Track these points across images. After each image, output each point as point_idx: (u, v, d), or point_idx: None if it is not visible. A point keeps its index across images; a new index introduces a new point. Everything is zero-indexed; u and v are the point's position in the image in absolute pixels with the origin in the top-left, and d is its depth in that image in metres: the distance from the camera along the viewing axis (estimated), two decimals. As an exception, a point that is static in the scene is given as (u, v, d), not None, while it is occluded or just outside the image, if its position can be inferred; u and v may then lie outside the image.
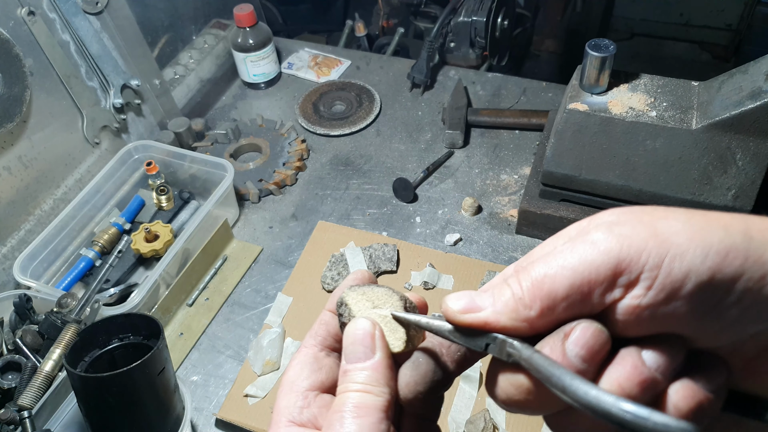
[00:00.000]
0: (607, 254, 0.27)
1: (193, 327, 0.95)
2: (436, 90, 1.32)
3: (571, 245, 0.28)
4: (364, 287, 0.35)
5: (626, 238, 0.27)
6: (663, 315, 0.27)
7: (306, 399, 0.33)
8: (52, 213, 1.01)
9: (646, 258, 0.27)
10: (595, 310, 0.28)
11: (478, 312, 0.30)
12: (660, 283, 0.26)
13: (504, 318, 0.29)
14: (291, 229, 1.09)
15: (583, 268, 0.27)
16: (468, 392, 0.83)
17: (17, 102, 0.91)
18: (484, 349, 0.30)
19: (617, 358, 0.28)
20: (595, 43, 0.82)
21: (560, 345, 0.28)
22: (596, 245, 0.27)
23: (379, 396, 0.31)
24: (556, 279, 0.28)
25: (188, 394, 0.76)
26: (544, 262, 0.29)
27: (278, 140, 1.22)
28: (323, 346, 0.35)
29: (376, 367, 0.31)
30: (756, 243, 0.26)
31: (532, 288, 0.28)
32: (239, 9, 1.26)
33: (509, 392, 0.30)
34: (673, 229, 0.27)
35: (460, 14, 1.31)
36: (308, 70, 1.40)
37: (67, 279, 0.96)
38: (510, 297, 0.29)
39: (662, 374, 0.28)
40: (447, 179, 1.14)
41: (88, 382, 0.66)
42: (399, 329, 0.33)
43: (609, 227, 0.28)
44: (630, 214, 0.29)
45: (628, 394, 0.27)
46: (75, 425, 0.76)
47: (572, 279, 0.28)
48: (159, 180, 1.07)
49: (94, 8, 1.02)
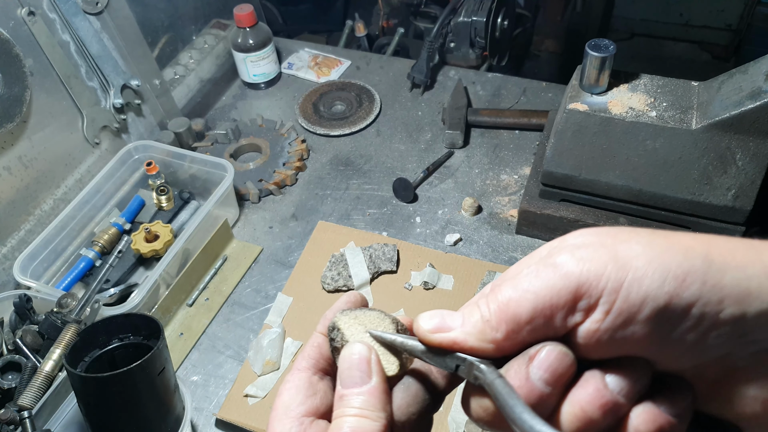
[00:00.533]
0: (567, 278, 0.28)
1: (193, 327, 0.95)
2: (436, 90, 1.32)
3: (536, 268, 0.29)
4: (356, 311, 0.35)
5: (587, 262, 0.27)
6: (622, 338, 0.27)
7: (302, 425, 0.32)
8: (52, 213, 1.01)
9: (605, 282, 0.27)
10: (558, 333, 0.29)
11: (447, 332, 0.30)
12: (618, 307, 0.27)
13: (472, 339, 0.30)
14: (291, 229, 1.09)
15: (545, 293, 0.28)
16: (468, 392, 0.83)
17: (17, 102, 0.91)
18: (454, 371, 0.31)
19: (581, 380, 0.28)
20: (595, 43, 0.82)
21: (525, 368, 0.28)
22: (558, 269, 0.28)
23: (375, 421, 0.30)
24: (520, 303, 0.28)
25: (188, 394, 0.76)
26: (510, 285, 0.29)
27: (278, 140, 1.22)
28: (316, 369, 0.35)
29: (372, 391, 0.31)
30: (716, 267, 0.26)
31: (498, 311, 0.29)
32: (239, 9, 1.26)
33: (479, 413, 0.30)
34: (633, 253, 0.27)
35: (460, 14, 1.31)
36: (308, 70, 1.40)
37: (67, 279, 0.96)
38: (478, 319, 0.30)
39: (625, 397, 0.28)
40: (447, 179, 1.14)
41: (88, 382, 0.66)
42: (392, 353, 0.33)
43: (572, 250, 0.28)
44: (594, 236, 0.29)
45: (590, 417, 0.28)
46: (75, 425, 0.76)
47: (535, 303, 0.28)
48: (159, 180, 1.07)
49: (94, 8, 1.02)
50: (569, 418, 0.28)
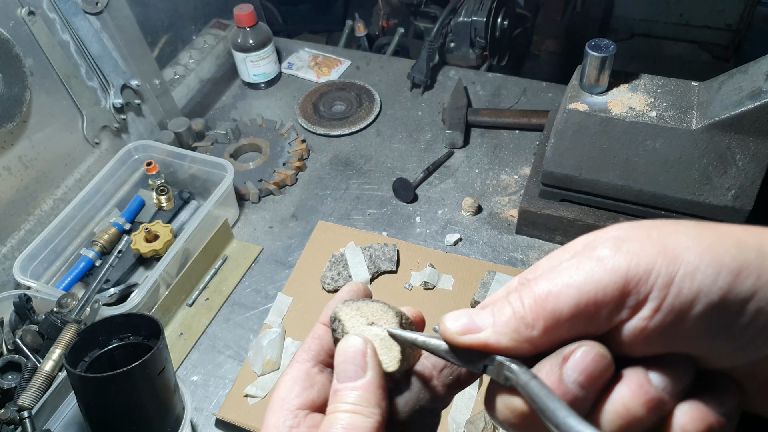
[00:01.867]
0: (614, 273, 0.26)
1: (193, 327, 0.95)
2: (436, 90, 1.32)
3: (577, 261, 0.27)
4: (359, 302, 0.33)
5: (634, 256, 0.26)
6: (671, 336, 0.26)
7: (296, 418, 0.32)
8: (52, 213, 1.01)
9: (655, 277, 0.25)
10: (601, 330, 0.27)
11: (477, 333, 0.28)
12: (669, 304, 0.25)
13: (505, 339, 0.28)
14: (291, 229, 1.09)
15: (589, 287, 0.26)
16: (468, 392, 0.83)
17: (17, 102, 0.91)
18: (482, 371, 0.29)
19: (623, 377, 0.27)
20: (595, 43, 0.82)
21: (558, 369, 0.27)
22: (603, 262, 0.26)
23: (369, 417, 0.29)
24: (561, 297, 0.26)
25: (188, 394, 0.76)
26: (548, 279, 0.27)
27: (278, 140, 1.22)
28: (316, 361, 0.34)
29: (366, 387, 0.30)
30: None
31: (535, 306, 0.27)
32: (239, 9, 1.26)
33: (505, 415, 0.29)
34: (683, 245, 0.25)
35: (460, 14, 1.31)
36: (308, 70, 1.40)
37: (67, 279, 0.96)
38: (511, 315, 0.28)
39: (669, 394, 0.26)
40: (447, 179, 1.14)
41: (88, 382, 0.66)
42: (394, 347, 0.32)
43: (616, 243, 0.26)
44: (639, 230, 0.27)
45: (634, 414, 0.26)
46: (75, 425, 0.76)
47: (577, 298, 0.26)
48: (159, 180, 1.07)
49: (94, 8, 1.02)
50: (612, 417, 0.27)
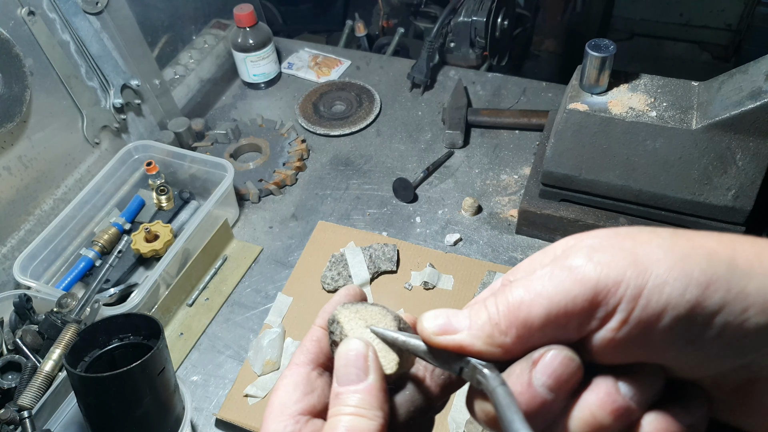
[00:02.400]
0: (584, 284, 0.26)
1: (193, 327, 0.95)
2: (436, 90, 1.32)
3: (551, 269, 0.27)
4: (357, 305, 0.33)
5: (605, 267, 0.26)
6: (639, 347, 0.26)
7: (297, 424, 0.31)
8: (52, 213, 1.01)
9: (624, 289, 0.26)
10: (571, 339, 0.28)
11: (453, 334, 0.29)
12: (636, 316, 0.26)
13: (479, 342, 0.28)
14: (291, 229, 1.09)
15: (560, 298, 0.26)
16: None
17: (17, 102, 0.91)
18: (458, 373, 0.30)
19: (592, 385, 0.28)
20: (595, 43, 0.82)
21: (528, 373, 0.27)
22: (574, 272, 0.26)
23: (372, 420, 0.29)
24: (532, 307, 0.27)
25: (188, 394, 0.76)
26: (522, 286, 0.28)
27: (278, 140, 1.22)
28: (315, 364, 0.34)
29: (369, 390, 0.30)
30: (740, 273, 0.25)
31: (508, 314, 0.28)
32: (239, 9, 1.26)
33: (481, 417, 0.30)
34: (654, 257, 0.26)
35: (460, 14, 1.31)
36: (308, 70, 1.40)
37: (67, 279, 0.96)
38: (486, 321, 0.28)
39: (637, 403, 0.27)
40: (447, 179, 1.14)
41: (88, 382, 0.66)
42: (391, 351, 0.32)
43: (589, 253, 0.27)
44: (613, 238, 0.27)
45: (601, 423, 0.27)
46: (75, 425, 0.76)
47: (548, 308, 0.27)
48: (159, 180, 1.07)
49: (94, 8, 1.02)
50: (578, 424, 0.27)
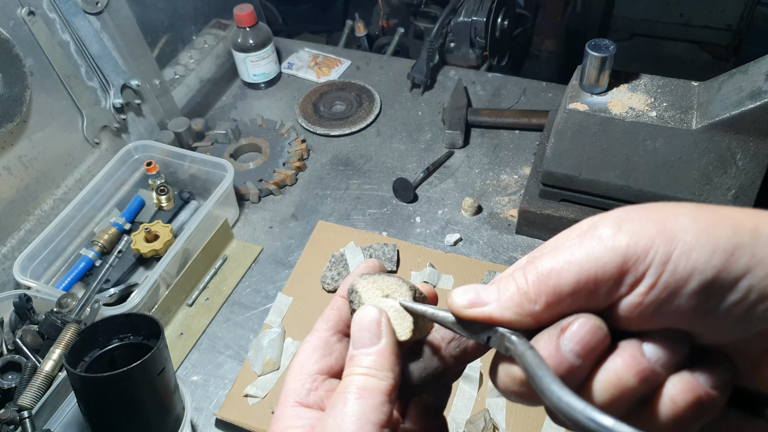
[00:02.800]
0: (614, 251, 0.27)
1: (193, 327, 0.95)
2: (436, 90, 1.32)
3: (580, 240, 0.28)
4: (375, 276, 0.35)
5: (634, 235, 0.27)
6: (666, 311, 0.27)
7: (314, 382, 0.34)
8: (52, 213, 1.01)
9: (652, 256, 0.26)
10: (600, 306, 0.28)
11: (482, 306, 0.30)
12: (664, 281, 0.26)
13: (508, 313, 0.29)
14: (291, 229, 1.09)
15: (590, 265, 0.27)
16: (468, 392, 0.83)
17: (17, 102, 0.91)
18: (486, 342, 0.31)
19: (617, 349, 0.28)
20: (595, 43, 0.82)
21: (555, 339, 0.28)
22: (604, 241, 0.27)
23: (383, 380, 0.31)
24: (562, 274, 0.28)
25: (188, 394, 0.76)
26: (551, 257, 0.28)
27: (278, 140, 1.22)
28: (335, 330, 0.36)
29: (381, 352, 0.32)
30: (764, 240, 0.26)
31: (538, 282, 0.28)
32: (239, 9, 1.26)
33: (506, 383, 0.30)
34: (681, 226, 0.27)
35: (460, 14, 1.31)
36: (308, 70, 1.40)
37: (67, 279, 0.96)
38: (515, 291, 0.29)
39: (662, 367, 0.28)
40: (447, 179, 1.14)
41: (88, 382, 0.66)
42: (407, 319, 0.33)
43: (617, 223, 0.28)
44: (640, 211, 0.28)
45: (626, 384, 0.27)
46: (75, 425, 0.76)
47: (578, 275, 0.27)
48: (159, 180, 1.07)
49: (94, 8, 1.02)
50: (603, 386, 0.28)
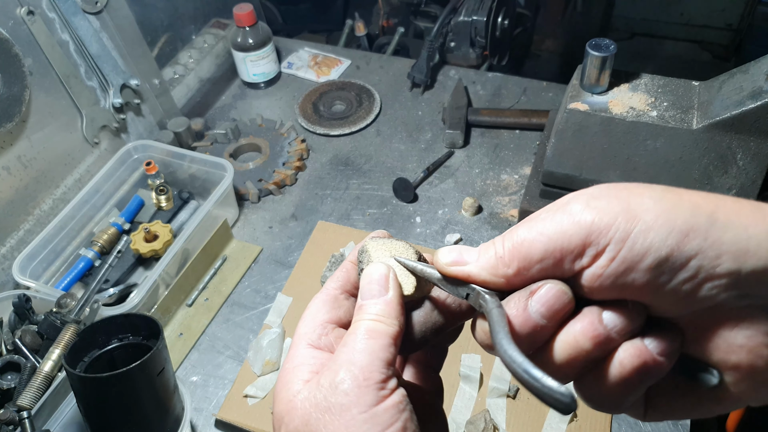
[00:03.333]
0: (579, 225, 0.30)
1: (193, 327, 0.95)
2: (436, 90, 1.32)
3: (552, 214, 0.31)
4: (384, 239, 0.39)
5: (599, 212, 0.30)
6: (623, 284, 0.30)
7: (324, 329, 0.37)
8: (51, 213, 1.01)
9: (614, 232, 0.29)
10: (566, 275, 0.31)
11: (463, 266, 0.34)
12: (622, 256, 0.29)
13: (484, 273, 0.33)
14: (291, 229, 1.08)
15: (557, 237, 0.30)
16: (468, 392, 0.83)
17: (16, 102, 0.91)
18: (465, 298, 0.35)
19: (579, 314, 0.31)
20: (596, 43, 0.82)
21: (524, 301, 0.31)
22: (572, 216, 0.30)
23: (389, 327, 0.34)
24: (533, 244, 0.31)
25: (188, 395, 0.76)
26: (526, 227, 0.32)
27: (278, 140, 1.21)
28: (343, 290, 0.39)
29: (388, 302, 0.35)
30: (719, 224, 0.28)
31: (512, 249, 0.32)
32: (239, 8, 1.26)
33: (480, 336, 0.34)
34: (644, 207, 0.29)
35: (460, 14, 1.31)
36: (308, 70, 1.40)
37: (66, 279, 0.96)
38: (492, 255, 0.33)
39: (617, 334, 0.31)
40: (447, 179, 1.14)
41: (87, 382, 0.66)
42: (411, 277, 0.37)
43: (588, 200, 0.31)
44: (610, 189, 0.31)
45: (581, 347, 0.31)
46: (74, 426, 0.76)
47: (547, 245, 0.31)
48: (158, 180, 1.06)
49: (94, 8, 1.01)
50: (562, 346, 0.31)
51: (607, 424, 0.79)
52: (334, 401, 0.31)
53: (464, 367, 0.83)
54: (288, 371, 0.35)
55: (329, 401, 0.31)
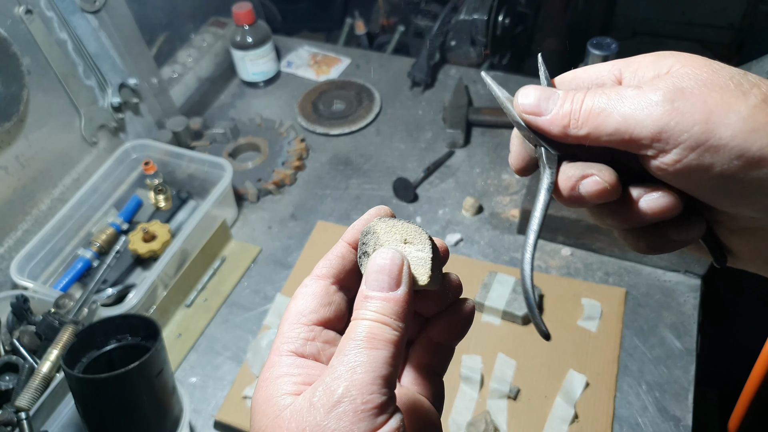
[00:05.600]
0: (654, 121, 0.30)
1: (192, 328, 0.95)
2: (436, 89, 1.32)
3: (636, 94, 0.31)
4: (394, 221, 0.34)
5: (678, 114, 0.30)
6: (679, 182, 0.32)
7: (312, 332, 0.33)
8: (49, 213, 1.00)
9: (685, 138, 0.30)
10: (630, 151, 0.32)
11: (538, 116, 0.34)
12: (686, 162, 0.30)
13: (555, 129, 0.33)
14: (290, 229, 1.08)
15: (631, 122, 0.31)
16: (469, 394, 0.82)
17: (14, 101, 0.90)
18: (534, 145, 0.35)
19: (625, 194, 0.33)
20: (597, 42, 0.81)
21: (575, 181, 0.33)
22: (652, 108, 0.30)
23: (396, 330, 0.31)
24: (609, 118, 0.31)
25: (186, 396, 0.75)
26: (607, 97, 0.32)
27: (277, 139, 1.21)
28: (336, 279, 0.35)
29: (398, 300, 0.32)
30: None
31: (588, 114, 0.32)
32: (238, 7, 1.26)
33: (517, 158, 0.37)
34: (726, 122, 0.29)
35: (460, 12, 1.30)
36: (307, 69, 1.39)
37: (64, 279, 0.95)
38: (568, 112, 0.33)
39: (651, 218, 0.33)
40: (448, 179, 1.13)
41: (85, 383, 0.66)
42: (424, 268, 0.33)
43: (673, 94, 0.30)
44: (701, 87, 0.30)
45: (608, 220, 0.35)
46: (72, 426, 0.76)
47: (618, 125, 0.31)
48: (157, 179, 1.06)
49: (92, 7, 1.01)
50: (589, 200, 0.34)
51: (608, 425, 0.79)
52: (326, 425, 0.28)
53: (465, 368, 0.83)
54: (269, 382, 0.31)
55: (321, 425, 0.28)
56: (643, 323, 0.89)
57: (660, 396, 0.82)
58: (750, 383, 1.07)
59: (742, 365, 1.11)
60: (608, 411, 0.80)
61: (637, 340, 0.88)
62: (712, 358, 1.01)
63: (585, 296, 0.91)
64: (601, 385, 0.82)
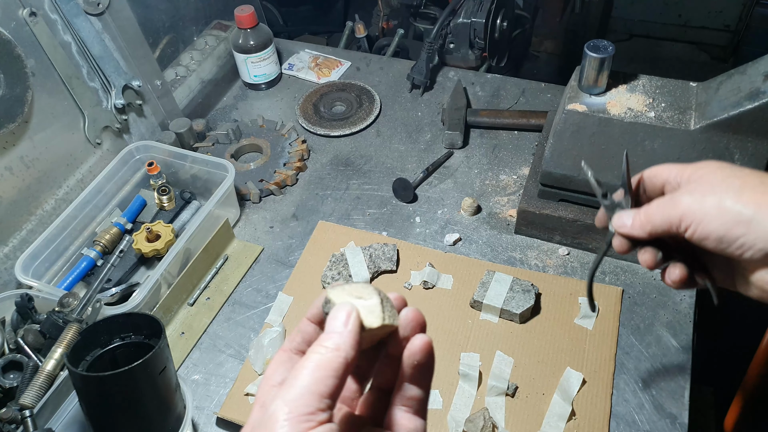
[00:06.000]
0: (678, 211, 0.50)
1: (195, 326, 0.96)
2: (435, 91, 1.33)
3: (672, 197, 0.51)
4: (344, 284, 0.41)
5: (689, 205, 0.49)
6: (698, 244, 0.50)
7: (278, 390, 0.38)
8: (53, 213, 1.01)
9: (690, 219, 0.49)
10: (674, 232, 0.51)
11: (624, 227, 0.55)
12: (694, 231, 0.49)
13: (635, 231, 0.54)
14: (291, 229, 1.09)
15: (669, 217, 0.51)
16: (467, 391, 0.83)
17: (19, 102, 0.91)
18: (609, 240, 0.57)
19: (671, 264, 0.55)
20: (594, 44, 0.82)
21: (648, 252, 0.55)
22: (677, 207, 0.50)
23: (340, 357, 0.36)
24: (658, 218, 0.51)
25: (189, 393, 0.76)
26: (657, 204, 0.52)
27: (279, 141, 1.22)
28: (297, 350, 0.41)
29: (346, 334, 0.37)
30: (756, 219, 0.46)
31: (648, 219, 0.52)
32: (240, 10, 1.27)
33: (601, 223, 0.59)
34: (712, 203, 0.48)
35: (459, 15, 1.31)
36: (309, 71, 1.40)
37: (68, 279, 0.96)
38: (639, 222, 0.53)
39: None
40: (446, 179, 1.14)
41: (89, 381, 0.66)
42: (375, 314, 0.39)
43: (702, 200, 0.49)
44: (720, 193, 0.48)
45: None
46: (76, 424, 0.77)
47: (663, 220, 0.51)
48: (160, 180, 1.07)
49: (96, 9, 1.02)
50: None
51: (605, 422, 0.80)
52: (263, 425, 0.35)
53: (463, 365, 0.84)
54: None
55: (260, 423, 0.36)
56: (639, 321, 0.90)
57: (656, 393, 0.83)
58: (746, 381, 1.08)
59: (738, 363, 1.11)
60: (605, 408, 0.81)
61: (633, 338, 0.89)
62: (709, 355, 1.02)
63: (582, 295, 0.92)
64: (597, 383, 0.83)
